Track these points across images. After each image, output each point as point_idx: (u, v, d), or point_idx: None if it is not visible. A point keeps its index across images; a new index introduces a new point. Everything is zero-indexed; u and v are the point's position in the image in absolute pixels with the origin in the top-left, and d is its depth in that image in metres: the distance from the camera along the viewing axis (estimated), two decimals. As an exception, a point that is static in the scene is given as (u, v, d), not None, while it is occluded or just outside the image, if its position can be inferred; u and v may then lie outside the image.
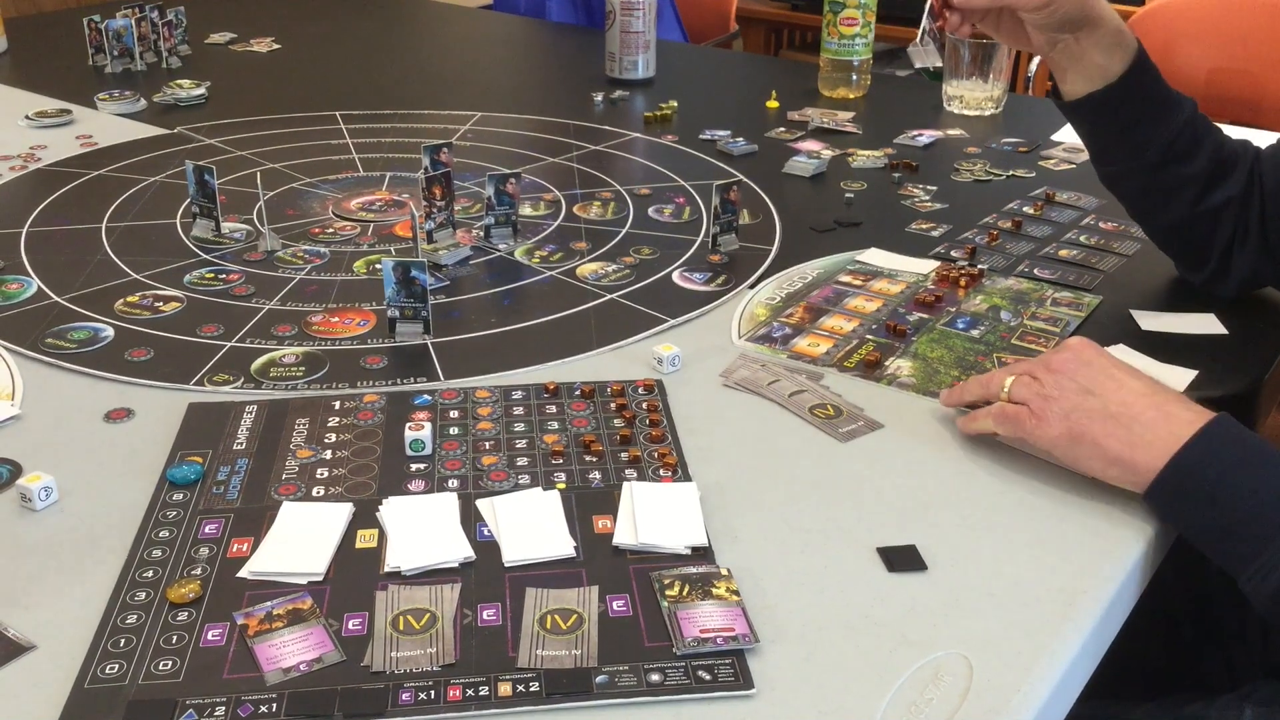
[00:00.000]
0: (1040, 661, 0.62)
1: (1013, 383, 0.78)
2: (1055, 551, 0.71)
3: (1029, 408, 0.76)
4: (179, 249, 1.13)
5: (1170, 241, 1.05)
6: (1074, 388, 0.75)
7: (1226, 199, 0.98)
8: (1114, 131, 0.99)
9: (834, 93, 1.66)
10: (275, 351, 0.94)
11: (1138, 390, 0.74)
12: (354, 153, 1.42)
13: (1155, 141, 0.96)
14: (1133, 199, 1.04)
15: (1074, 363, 0.76)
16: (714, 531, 0.72)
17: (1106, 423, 0.73)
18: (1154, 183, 0.99)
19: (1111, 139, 1.00)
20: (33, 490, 0.73)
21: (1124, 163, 1.00)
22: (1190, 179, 0.97)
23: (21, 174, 1.33)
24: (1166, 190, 0.99)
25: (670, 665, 0.61)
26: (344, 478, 0.77)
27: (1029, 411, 0.76)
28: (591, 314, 1.01)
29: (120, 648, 0.62)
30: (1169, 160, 0.97)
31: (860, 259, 1.11)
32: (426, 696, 0.59)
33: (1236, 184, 0.98)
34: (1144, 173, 0.99)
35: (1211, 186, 0.98)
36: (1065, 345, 0.79)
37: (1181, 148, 0.97)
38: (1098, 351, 0.78)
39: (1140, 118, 0.96)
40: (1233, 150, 0.99)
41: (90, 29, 1.76)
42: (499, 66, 1.91)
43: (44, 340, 0.94)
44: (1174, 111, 0.97)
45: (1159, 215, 1.02)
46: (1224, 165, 0.98)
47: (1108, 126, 0.99)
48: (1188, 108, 0.97)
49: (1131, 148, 0.98)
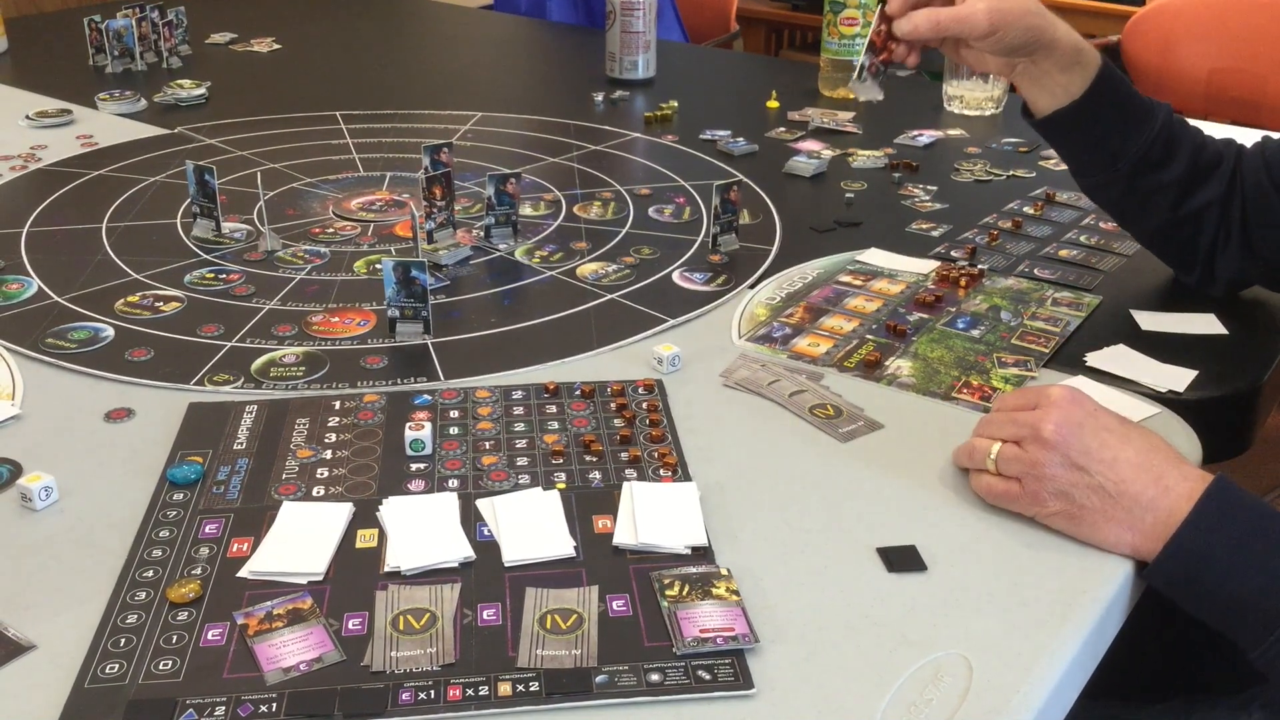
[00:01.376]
0: (1040, 661, 0.62)
1: (999, 452, 0.73)
2: (1055, 552, 0.71)
3: (1021, 485, 0.72)
4: (179, 249, 1.13)
5: (1156, 245, 1.05)
6: (1066, 464, 0.70)
7: (1206, 202, 0.98)
8: (1084, 145, 1.00)
9: (834, 93, 1.66)
10: (275, 351, 0.94)
11: (1131, 462, 0.70)
12: (354, 153, 1.42)
13: (1127, 152, 0.97)
14: (1112, 207, 1.05)
15: (1064, 430, 0.71)
16: (714, 531, 0.72)
17: (1104, 501, 0.70)
18: (1130, 191, 1.00)
19: (1082, 152, 1.01)
20: (33, 490, 0.73)
21: (1097, 174, 1.01)
22: (1167, 185, 0.98)
23: (22, 174, 1.33)
24: (1143, 198, 0.99)
25: (670, 665, 0.61)
26: (344, 477, 0.77)
27: (1020, 490, 0.72)
28: (592, 314, 1.01)
29: (120, 647, 0.62)
30: (1143, 169, 0.97)
31: (860, 259, 1.11)
32: (426, 696, 0.59)
33: (1217, 186, 0.98)
34: (1119, 183, 0.99)
35: (1190, 191, 0.98)
36: (1051, 402, 0.73)
37: (1155, 156, 0.97)
38: (1086, 410, 0.72)
39: (1108, 131, 0.97)
40: (1215, 151, 0.99)
41: (90, 29, 1.76)
42: (499, 66, 1.91)
43: (44, 340, 0.95)
44: (1145, 121, 0.97)
45: (1139, 222, 1.03)
46: (1203, 168, 0.98)
47: (1077, 141, 1.00)
48: (1160, 115, 0.97)
49: (1103, 160, 0.99)
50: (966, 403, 0.86)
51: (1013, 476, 0.73)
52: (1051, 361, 0.92)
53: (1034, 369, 0.91)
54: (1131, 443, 0.71)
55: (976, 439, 0.76)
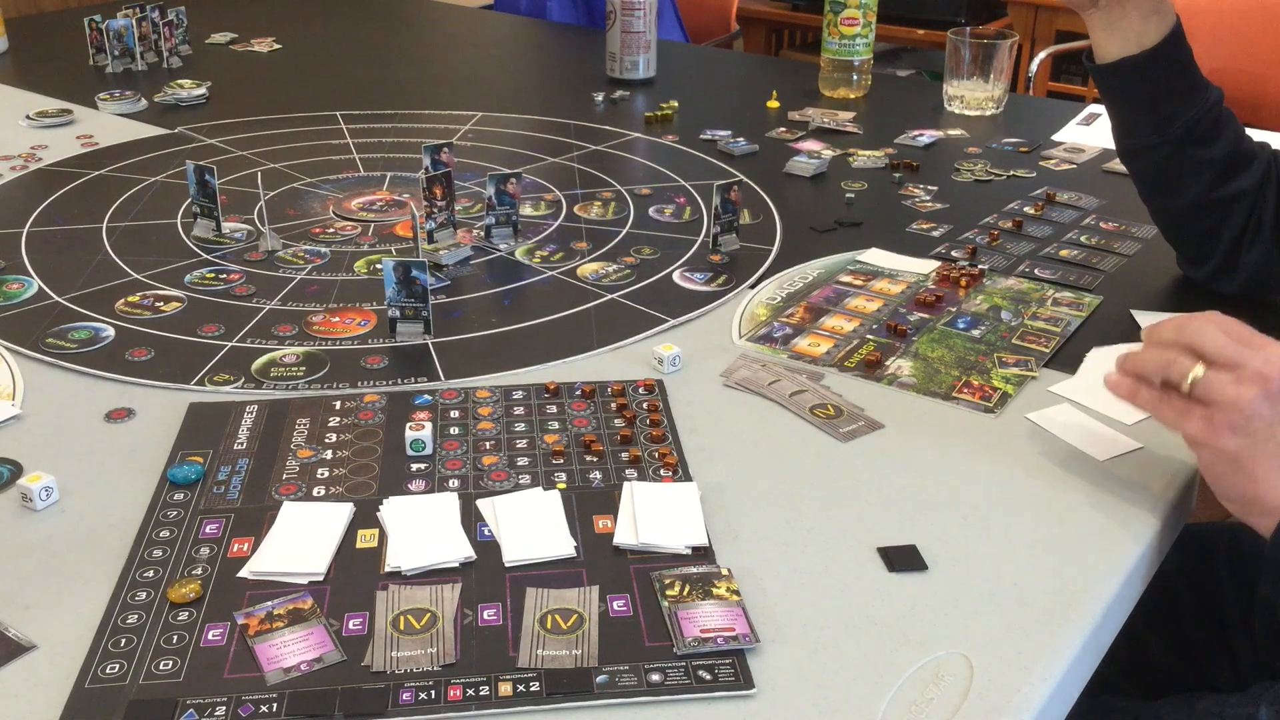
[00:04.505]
0: (1040, 661, 0.62)
1: (1204, 377, 0.69)
2: (1055, 551, 0.71)
3: (1210, 413, 0.68)
4: (180, 249, 1.13)
5: (1179, 228, 1.04)
6: (1273, 401, 0.67)
7: (1241, 190, 0.98)
8: (1141, 100, 0.98)
9: (834, 93, 1.65)
10: (276, 351, 0.94)
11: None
12: (355, 153, 1.42)
13: (1180, 118, 0.96)
14: (1150, 177, 1.03)
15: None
16: (714, 531, 0.72)
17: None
18: (1173, 161, 0.98)
19: (1138, 109, 0.99)
20: (33, 490, 0.73)
21: (1147, 136, 0.99)
22: (1209, 162, 0.97)
23: (22, 174, 1.33)
24: (1184, 170, 0.98)
25: (670, 665, 0.61)
26: (344, 478, 0.77)
27: (1204, 417, 0.69)
28: (592, 314, 1.01)
29: (121, 647, 0.62)
30: (1191, 140, 0.97)
31: (861, 259, 1.11)
32: (427, 696, 0.59)
33: (1252, 177, 0.98)
34: (1165, 149, 0.98)
35: (1229, 174, 0.98)
36: (1274, 344, 0.69)
37: (1204, 130, 0.96)
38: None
39: (1169, 90, 0.96)
40: (1251, 146, 0.99)
41: (91, 29, 1.76)
42: (500, 66, 1.91)
43: (45, 340, 0.95)
44: (1201, 92, 0.97)
45: (1173, 197, 1.02)
46: (1243, 157, 0.98)
47: (1136, 95, 0.98)
48: (1214, 94, 0.97)
49: (1157, 121, 0.98)
50: (967, 403, 0.86)
51: (1201, 401, 0.69)
52: (1052, 361, 0.92)
53: (1034, 369, 0.91)
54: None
55: (1179, 355, 0.70)
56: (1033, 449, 0.81)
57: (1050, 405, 0.86)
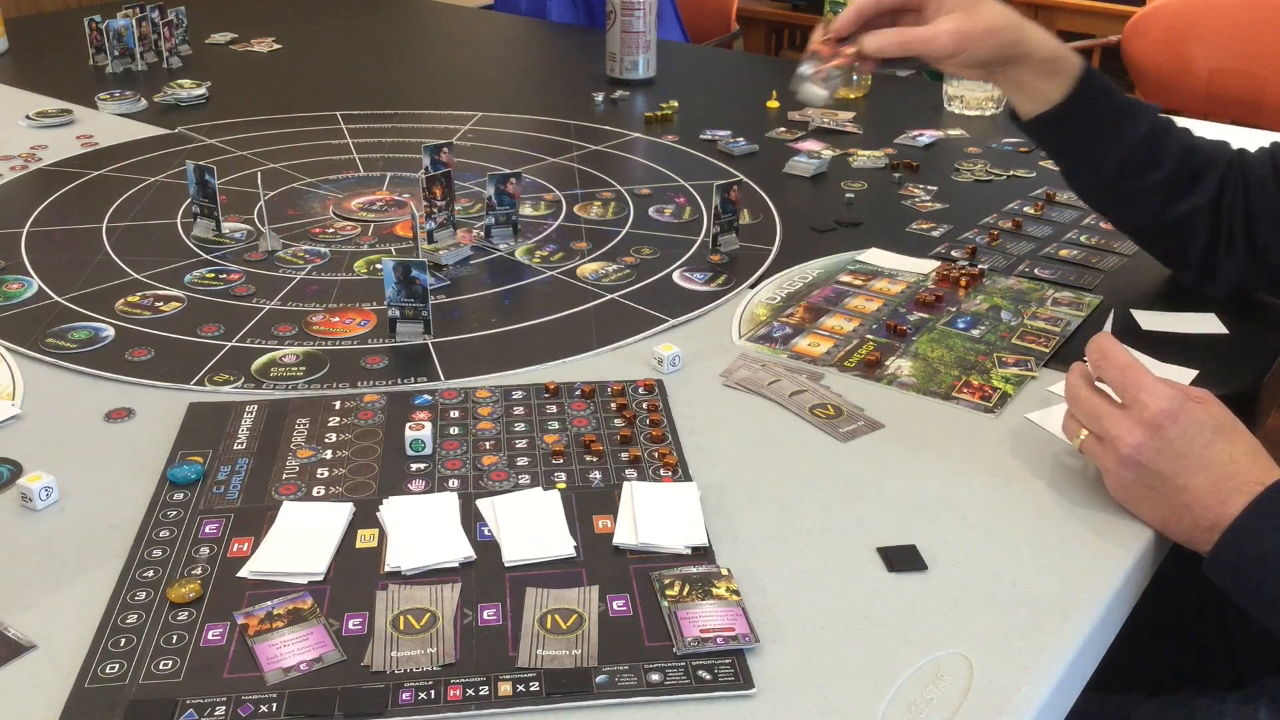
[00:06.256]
0: (1040, 661, 0.62)
1: (1085, 441, 0.74)
2: (1055, 551, 0.71)
3: (1110, 470, 0.73)
4: (179, 249, 1.13)
5: (1148, 246, 1.06)
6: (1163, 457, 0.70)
7: (1195, 208, 0.98)
8: (1067, 149, 1.01)
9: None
10: (276, 351, 0.94)
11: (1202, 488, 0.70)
12: (354, 153, 1.42)
13: (1112, 155, 0.97)
14: (1099, 209, 1.07)
15: (1142, 452, 0.70)
16: (714, 531, 0.72)
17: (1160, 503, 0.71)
18: (1114, 194, 1.01)
19: (1066, 155, 1.02)
20: (33, 490, 0.73)
21: (1084, 176, 1.02)
22: (1154, 188, 0.98)
23: (22, 174, 1.33)
24: (1128, 201, 1.00)
25: (670, 665, 0.61)
26: (344, 477, 0.77)
27: (1107, 470, 0.73)
28: (592, 314, 1.01)
29: (120, 647, 0.62)
30: (1129, 173, 0.97)
31: (860, 259, 1.11)
32: (426, 696, 0.59)
33: (1205, 192, 0.97)
34: (1102, 186, 1.01)
35: (1176, 196, 0.98)
36: (1143, 419, 0.71)
37: (1139, 160, 0.97)
38: (1201, 424, 0.71)
39: (1093, 136, 0.97)
40: (1206, 156, 0.99)
41: (91, 29, 1.76)
42: (499, 66, 1.91)
43: (44, 340, 0.95)
44: (1129, 126, 0.96)
45: (1129, 222, 1.05)
46: (1191, 173, 0.98)
47: (1060, 144, 1.01)
48: (1146, 119, 0.97)
49: (1087, 163, 0.99)
50: (967, 402, 0.86)
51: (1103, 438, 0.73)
52: (1052, 361, 0.92)
53: (1034, 369, 0.91)
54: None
55: (1070, 418, 0.76)
56: (1033, 449, 0.81)
57: (1050, 405, 0.86)
